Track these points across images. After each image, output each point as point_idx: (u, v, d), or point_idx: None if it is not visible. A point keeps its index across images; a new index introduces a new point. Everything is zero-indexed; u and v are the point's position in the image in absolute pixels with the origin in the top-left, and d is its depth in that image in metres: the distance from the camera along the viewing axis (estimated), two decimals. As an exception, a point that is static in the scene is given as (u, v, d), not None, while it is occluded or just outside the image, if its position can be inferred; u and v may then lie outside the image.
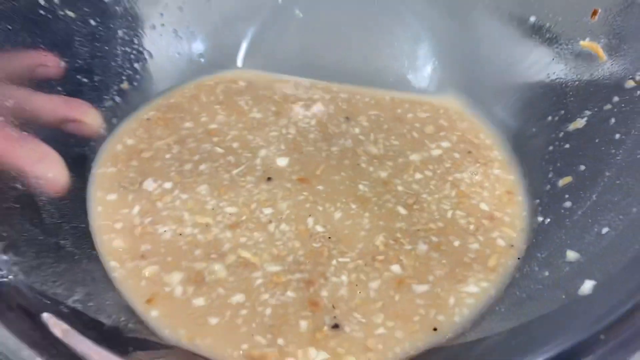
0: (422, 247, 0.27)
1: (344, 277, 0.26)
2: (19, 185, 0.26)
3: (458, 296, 0.25)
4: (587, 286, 0.21)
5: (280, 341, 0.23)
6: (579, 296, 0.21)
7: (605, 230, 0.23)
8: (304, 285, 0.25)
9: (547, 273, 0.24)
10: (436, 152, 0.33)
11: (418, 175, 0.31)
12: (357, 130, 0.34)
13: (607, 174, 0.25)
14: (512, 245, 0.27)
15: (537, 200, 0.28)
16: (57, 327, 0.21)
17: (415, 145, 0.33)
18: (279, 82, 0.37)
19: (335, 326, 0.24)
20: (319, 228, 0.28)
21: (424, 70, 0.38)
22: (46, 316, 0.21)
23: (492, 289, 0.25)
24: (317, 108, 0.35)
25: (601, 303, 0.20)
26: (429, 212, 0.29)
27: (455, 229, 0.28)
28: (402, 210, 0.29)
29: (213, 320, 0.24)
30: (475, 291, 0.25)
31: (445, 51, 0.37)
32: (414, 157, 0.32)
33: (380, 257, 0.27)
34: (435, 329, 0.24)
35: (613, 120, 0.26)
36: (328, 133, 0.34)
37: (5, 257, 0.22)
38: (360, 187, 0.30)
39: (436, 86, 0.38)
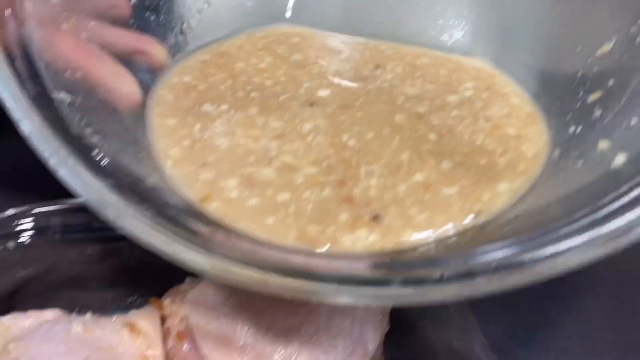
0: (446, 165, 0.29)
1: (372, 181, 0.28)
2: (99, 94, 0.29)
3: (491, 193, 0.27)
4: (620, 159, 0.23)
5: (328, 230, 0.26)
6: (612, 169, 0.23)
7: (634, 121, 0.25)
8: (337, 185, 0.28)
9: (581, 162, 0.26)
10: (469, 93, 0.35)
11: (454, 112, 0.34)
12: (390, 76, 0.37)
13: (634, 81, 0.27)
14: (537, 154, 0.30)
15: (569, 115, 0.30)
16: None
17: (450, 88, 0.35)
18: (320, 35, 0.40)
19: (375, 218, 0.26)
20: (352, 142, 0.31)
21: (456, 29, 0.41)
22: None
23: (524, 187, 0.27)
24: (350, 54, 0.38)
25: (632, 167, 0.22)
26: (459, 140, 0.31)
27: (482, 152, 0.30)
28: (432, 137, 0.31)
29: (267, 216, 0.27)
30: (507, 188, 0.27)
31: (480, 8, 0.40)
32: (451, 98, 0.35)
33: (404, 169, 0.29)
34: (475, 215, 0.26)
35: (638, 39, 0.28)
36: (363, 75, 0.36)
37: (96, 139, 0.25)
38: (397, 117, 0.33)
39: (468, 42, 0.40)
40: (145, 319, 0.33)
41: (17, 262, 0.34)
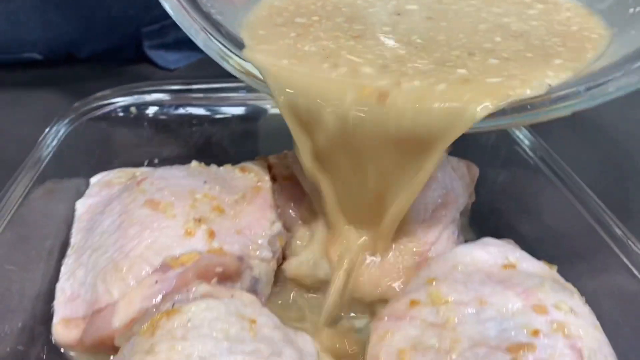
0: (492, 61, 0.30)
1: (416, 82, 0.29)
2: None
3: (553, 69, 0.29)
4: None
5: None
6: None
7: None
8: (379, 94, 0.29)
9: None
10: (540, 6, 0.38)
11: (534, 23, 0.35)
12: (473, 1, 0.38)
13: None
14: (601, 34, 0.33)
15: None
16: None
17: (528, 6, 0.38)
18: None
19: None
20: (418, 40, 0.33)
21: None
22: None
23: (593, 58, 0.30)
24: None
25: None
26: (521, 42, 0.33)
27: (537, 47, 0.32)
28: (497, 39, 0.33)
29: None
30: (562, 62, 0.30)
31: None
32: (531, 12, 0.37)
33: (449, 64, 0.30)
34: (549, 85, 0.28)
35: None
36: (444, 2, 0.38)
37: (220, 18, 0.33)
38: (481, 26, 0.35)
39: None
40: (254, 164, 0.38)
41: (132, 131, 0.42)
